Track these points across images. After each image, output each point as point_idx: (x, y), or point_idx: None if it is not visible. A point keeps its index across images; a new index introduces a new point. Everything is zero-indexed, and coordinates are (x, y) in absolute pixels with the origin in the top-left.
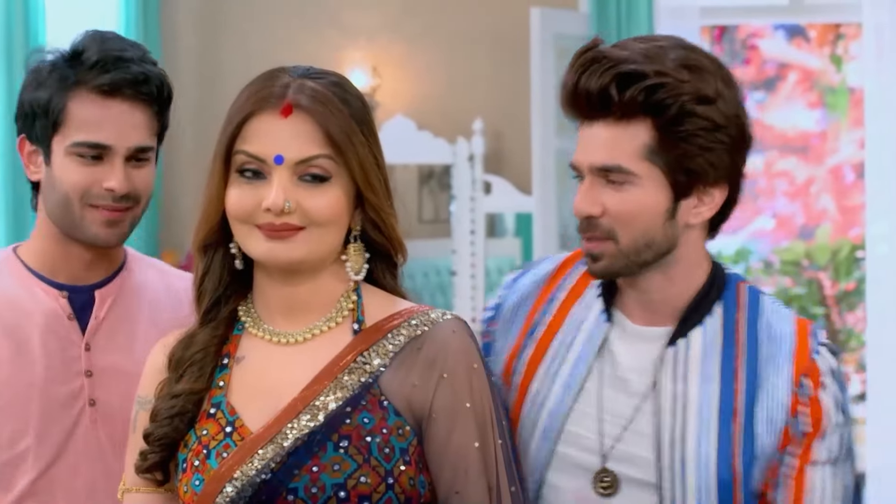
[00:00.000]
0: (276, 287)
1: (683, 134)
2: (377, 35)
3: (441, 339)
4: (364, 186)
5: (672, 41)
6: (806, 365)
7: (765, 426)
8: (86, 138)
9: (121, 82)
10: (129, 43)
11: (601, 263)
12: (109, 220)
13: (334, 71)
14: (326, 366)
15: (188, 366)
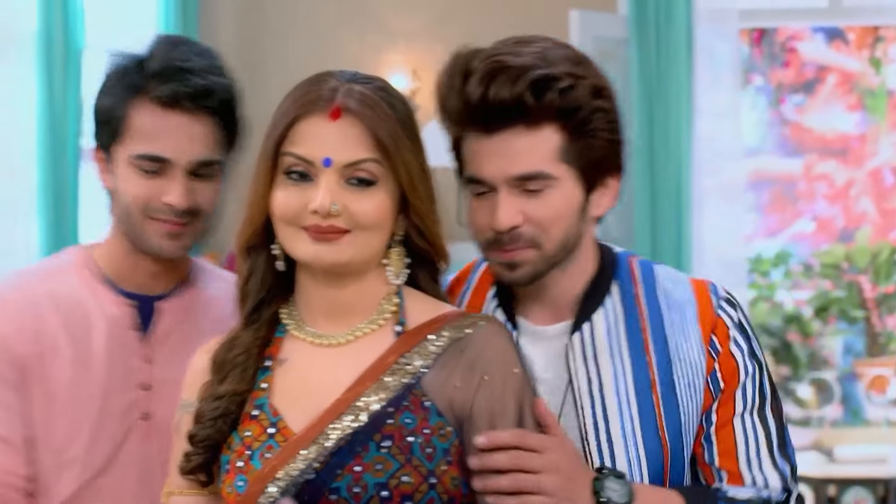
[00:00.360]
0: (320, 289)
1: (591, 129)
2: (417, 38)
3: (482, 343)
4: (410, 191)
5: (545, 39)
6: (711, 323)
7: (686, 392)
8: (145, 150)
9: (180, 94)
10: (199, 51)
11: (523, 270)
12: (171, 232)
13: (379, 77)
14: (369, 367)
15: (231, 368)
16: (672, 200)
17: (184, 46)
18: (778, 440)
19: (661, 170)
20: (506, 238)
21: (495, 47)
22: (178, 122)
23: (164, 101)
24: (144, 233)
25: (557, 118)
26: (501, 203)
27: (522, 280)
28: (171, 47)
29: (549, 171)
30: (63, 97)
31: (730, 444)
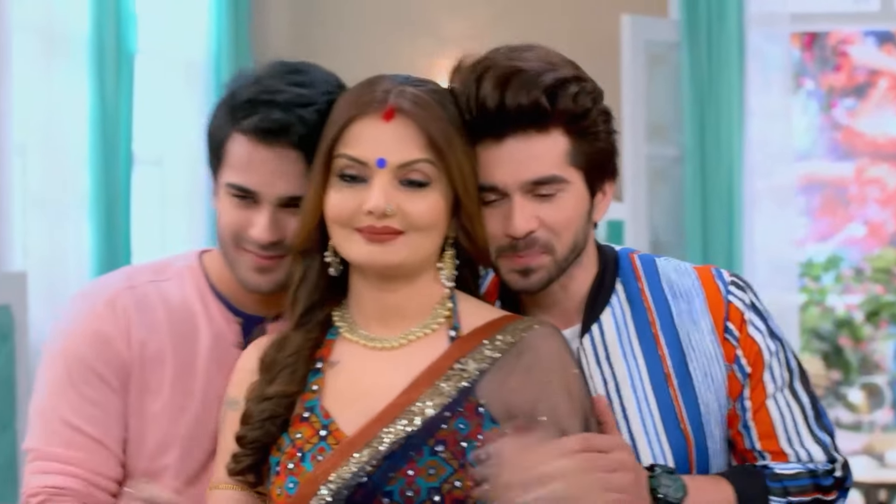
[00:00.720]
0: (373, 292)
1: (595, 132)
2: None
3: (538, 345)
4: (462, 192)
5: (536, 45)
6: (724, 310)
7: (703, 382)
8: (235, 180)
9: (259, 128)
10: (300, 80)
11: (537, 276)
12: (259, 266)
13: (431, 80)
14: (424, 372)
15: (281, 369)
16: (723, 204)
17: (284, 74)
18: (813, 412)
19: (712, 173)
20: (521, 244)
21: (498, 54)
22: (265, 157)
23: (247, 133)
24: (235, 262)
25: (566, 122)
26: (516, 209)
27: (536, 286)
28: (270, 75)
29: (561, 175)
30: (115, 102)
31: (768, 426)
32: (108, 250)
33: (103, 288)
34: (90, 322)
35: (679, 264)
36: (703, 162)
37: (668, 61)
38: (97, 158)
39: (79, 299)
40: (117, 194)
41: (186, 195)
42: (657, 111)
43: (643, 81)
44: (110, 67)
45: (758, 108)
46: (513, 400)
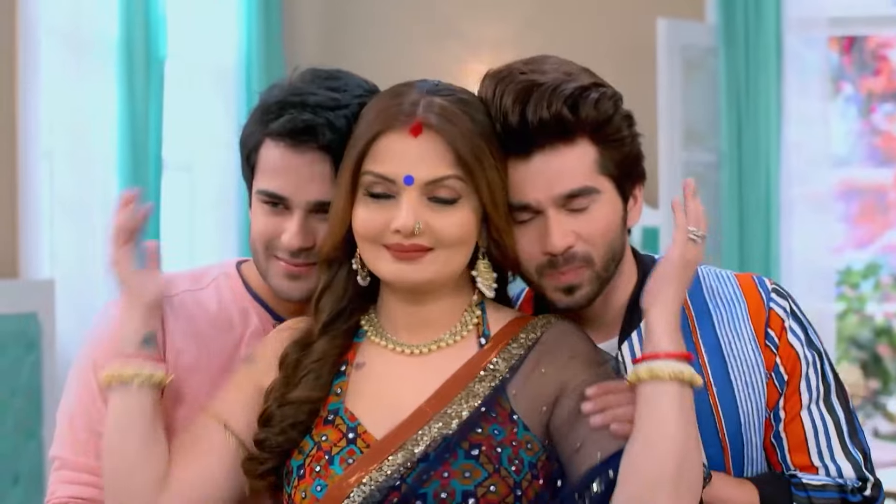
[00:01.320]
0: (402, 305)
1: (620, 138)
2: (500, 47)
3: (560, 332)
4: (490, 207)
5: (550, 56)
6: (764, 317)
7: (743, 390)
8: (266, 187)
9: (286, 130)
10: (335, 86)
11: (582, 292)
12: (290, 273)
13: (461, 86)
14: (456, 375)
15: (305, 373)
16: (760, 210)
17: (321, 80)
18: (848, 428)
19: (749, 179)
20: (560, 260)
21: (513, 69)
22: (297, 162)
23: (276, 137)
24: (268, 270)
25: (591, 131)
26: (552, 225)
27: (583, 302)
28: (303, 81)
29: (593, 185)
30: (144, 107)
31: (799, 438)
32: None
33: None
34: None
35: (720, 272)
36: (740, 168)
37: (704, 66)
38: (126, 164)
39: (113, 308)
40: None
41: (216, 202)
42: (693, 116)
43: (679, 86)
44: (140, 72)
45: (795, 113)
46: (543, 383)
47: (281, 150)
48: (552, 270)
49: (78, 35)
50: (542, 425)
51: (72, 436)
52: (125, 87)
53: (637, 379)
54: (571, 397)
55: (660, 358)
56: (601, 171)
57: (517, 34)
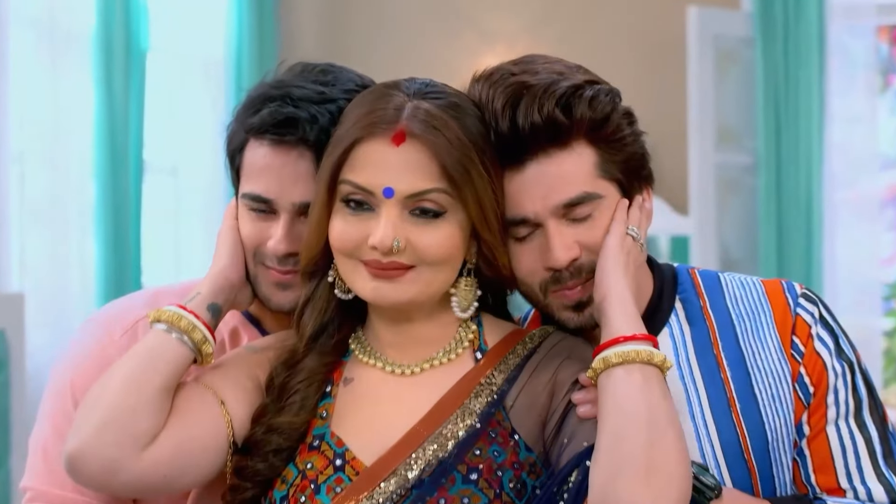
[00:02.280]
0: (386, 325)
1: (621, 137)
2: (517, 40)
3: (559, 339)
4: (480, 225)
5: (539, 55)
6: (790, 324)
7: (770, 405)
8: (250, 190)
9: (266, 125)
10: (321, 80)
11: (591, 308)
12: (279, 282)
13: (454, 89)
14: (451, 392)
15: (291, 394)
16: (801, 217)
17: (309, 74)
18: (882, 448)
19: (788, 183)
20: (566, 274)
21: (503, 71)
22: (280, 160)
23: (258, 134)
24: (257, 279)
25: (587, 132)
26: (553, 237)
27: (592, 321)
28: (291, 75)
29: (594, 191)
30: (124, 104)
31: (825, 457)
32: (115, 269)
33: (121, 313)
34: (105, 352)
35: (745, 278)
36: (779, 170)
37: (739, 58)
38: (104, 167)
39: (92, 325)
40: (126, 206)
41: (203, 207)
42: (727, 114)
43: (711, 81)
44: (119, 66)
45: (840, 110)
46: (537, 387)
47: (264, 148)
48: (558, 287)
49: (52, 26)
50: (542, 440)
51: (45, 465)
52: (103, 83)
53: (594, 373)
54: (563, 392)
55: (618, 343)
56: (602, 175)
57: (534, 25)
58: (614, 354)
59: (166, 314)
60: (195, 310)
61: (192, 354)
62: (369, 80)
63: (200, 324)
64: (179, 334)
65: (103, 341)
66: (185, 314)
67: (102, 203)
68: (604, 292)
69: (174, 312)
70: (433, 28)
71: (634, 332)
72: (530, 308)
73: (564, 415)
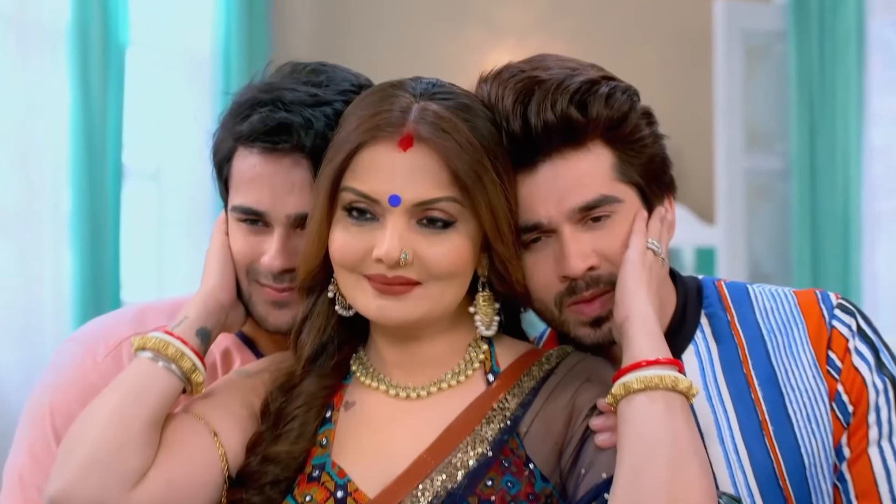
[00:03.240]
0: (391, 343)
1: (640, 138)
2: (528, 34)
3: (578, 359)
4: (492, 235)
5: (549, 54)
6: (825, 338)
7: (805, 427)
8: (241, 202)
9: (256, 131)
10: (314, 81)
11: (611, 323)
12: (274, 300)
13: (462, 89)
14: (461, 418)
15: (289, 421)
16: (838, 227)
17: (301, 74)
18: None
19: (824, 189)
20: (581, 285)
21: (512, 69)
22: (272, 169)
23: (248, 142)
24: (251, 298)
25: (603, 132)
26: (568, 243)
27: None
28: (281, 77)
29: (612, 194)
30: (102, 104)
31: (868, 481)
32: (92, 283)
33: (105, 332)
34: (88, 375)
35: (776, 290)
36: (814, 176)
37: (769, 54)
38: (80, 171)
39: (73, 345)
40: (104, 214)
41: (188, 215)
42: (757, 115)
43: (740, 78)
44: (96, 62)
45: (880, 110)
46: (555, 412)
47: (255, 157)
48: (574, 299)
49: (22, 19)
50: (558, 469)
51: (22, 494)
52: (79, 81)
53: (614, 399)
54: (581, 418)
55: (640, 367)
56: (620, 178)
57: (546, 19)
58: (636, 380)
59: (152, 341)
60: (183, 335)
61: (182, 384)
62: (365, 80)
63: (189, 351)
64: (167, 363)
65: (85, 363)
66: (173, 341)
67: (78, 211)
68: (625, 312)
69: (160, 339)
70: (438, 23)
71: (658, 355)
72: (546, 328)
73: (582, 443)
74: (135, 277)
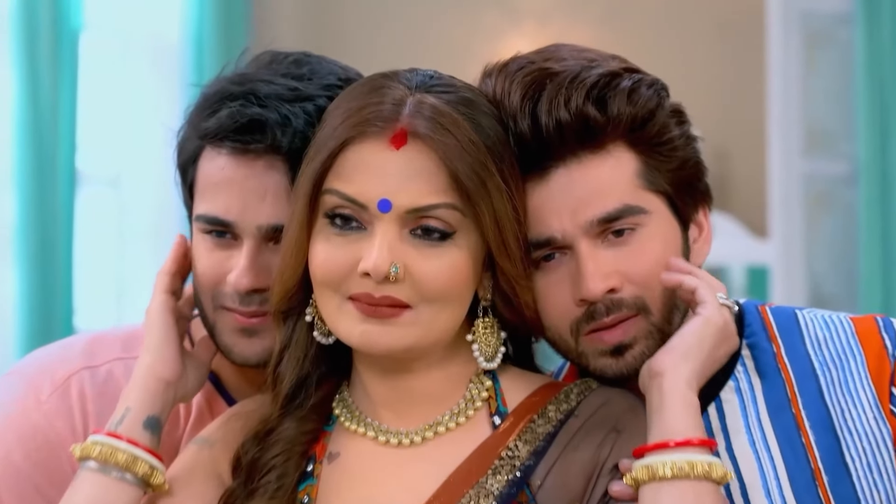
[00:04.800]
0: (379, 377)
1: (669, 140)
2: (550, 17)
3: (603, 400)
4: (497, 249)
5: (564, 43)
6: (888, 372)
7: (867, 477)
8: (206, 211)
9: (224, 129)
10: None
11: (635, 351)
12: (242, 327)
13: (464, 82)
14: (463, 468)
15: (265, 473)
16: None
17: (280, 65)
18: None
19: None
20: (601, 309)
21: (521, 58)
22: (243, 173)
23: (214, 140)
24: (215, 326)
25: (626, 132)
26: (585, 261)
27: (637, 366)
28: (257, 68)
29: (637, 204)
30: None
31: None
32: (40, 305)
33: (52, 366)
34: (30, 415)
35: (830, 316)
36: (885, 179)
37: (834, 41)
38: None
39: (14, 380)
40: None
41: (151, 227)
42: (819, 112)
43: (798, 70)
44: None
45: None
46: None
47: (223, 158)
48: (592, 326)
49: None
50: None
51: None
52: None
53: (634, 483)
54: (603, 478)
55: (668, 448)
56: (646, 186)
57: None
58: (663, 465)
59: (97, 449)
60: (129, 434)
61: (141, 490)
62: (354, 73)
63: (142, 452)
64: (120, 473)
65: (27, 402)
66: (120, 444)
67: (24, 222)
68: (662, 367)
69: (105, 445)
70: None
71: (690, 435)
72: (563, 363)
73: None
74: (90, 300)
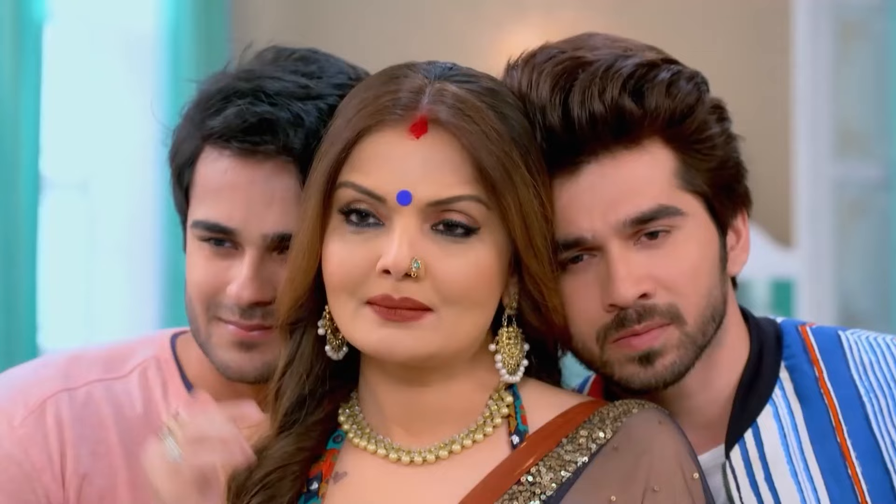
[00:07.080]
0: (393, 390)
1: (709, 137)
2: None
3: (643, 437)
4: (524, 247)
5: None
6: None
7: None
8: (205, 216)
9: (237, 127)
10: (304, 70)
11: (666, 360)
12: (240, 341)
13: (486, 74)
14: (476, 491)
15: (256, 492)
16: None
17: (286, 62)
18: None
19: None
20: (632, 315)
21: (550, 47)
22: (248, 177)
23: (217, 141)
24: (209, 340)
25: (664, 128)
26: (617, 264)
27: (665, 377)
28: (261, 63)
29: (673, 205)
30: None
31: None
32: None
33: (23, 388)
34: (2, 443)
35: (876, 339)
36: None
37: (867, 34)
38: None
39: None
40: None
41: (124, 236)
42: (851, 111)
43: (828, 66)
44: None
45: None
46: None
47: (227, 160)
48: (621, 333)
49: None
50: None
51: None
52: None
53: None
54: None
55: None
56: (684, 186)
57: None
58: None
59: None
60: None
61: None
62: (364, 73)
63: None
64: None
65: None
66: None
67: None
68: None
69: None
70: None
71: None
72: (587, 376)
73: None
74: (56, 316)
